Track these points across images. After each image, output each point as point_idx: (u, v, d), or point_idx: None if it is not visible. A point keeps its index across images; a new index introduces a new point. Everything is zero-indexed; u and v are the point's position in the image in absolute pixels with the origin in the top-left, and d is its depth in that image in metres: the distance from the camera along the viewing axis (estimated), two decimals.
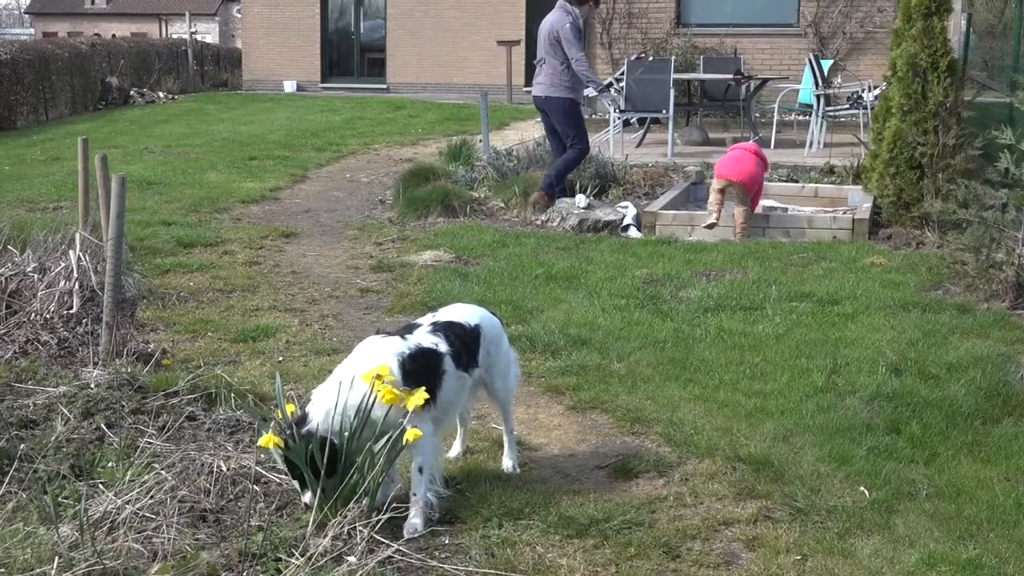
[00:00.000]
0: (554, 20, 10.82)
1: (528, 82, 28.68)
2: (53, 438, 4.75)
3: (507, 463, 4.88)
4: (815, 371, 6.04)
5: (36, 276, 6.84)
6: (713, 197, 9.90)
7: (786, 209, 10.68)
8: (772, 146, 14.89)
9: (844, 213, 10.28)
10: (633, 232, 10.04)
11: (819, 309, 7.33)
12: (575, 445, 5.23)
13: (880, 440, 5.09)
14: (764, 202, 10.76)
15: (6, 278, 6.76)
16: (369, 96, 26.48)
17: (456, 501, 4.46)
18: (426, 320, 4.64)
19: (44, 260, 7.05)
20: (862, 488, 4.61)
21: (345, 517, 4.01)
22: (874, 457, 4.90)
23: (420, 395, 4.16)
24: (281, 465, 4.39)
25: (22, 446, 4.57)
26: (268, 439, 4.15)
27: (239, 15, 34.91)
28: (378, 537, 4.01)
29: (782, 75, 17.94)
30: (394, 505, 4.16)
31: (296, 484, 4.27)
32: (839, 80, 16.66)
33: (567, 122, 10.92)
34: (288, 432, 4.18)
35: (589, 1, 11.07)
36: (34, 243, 7.30)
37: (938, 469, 4.82)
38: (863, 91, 14.60)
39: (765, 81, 16.54)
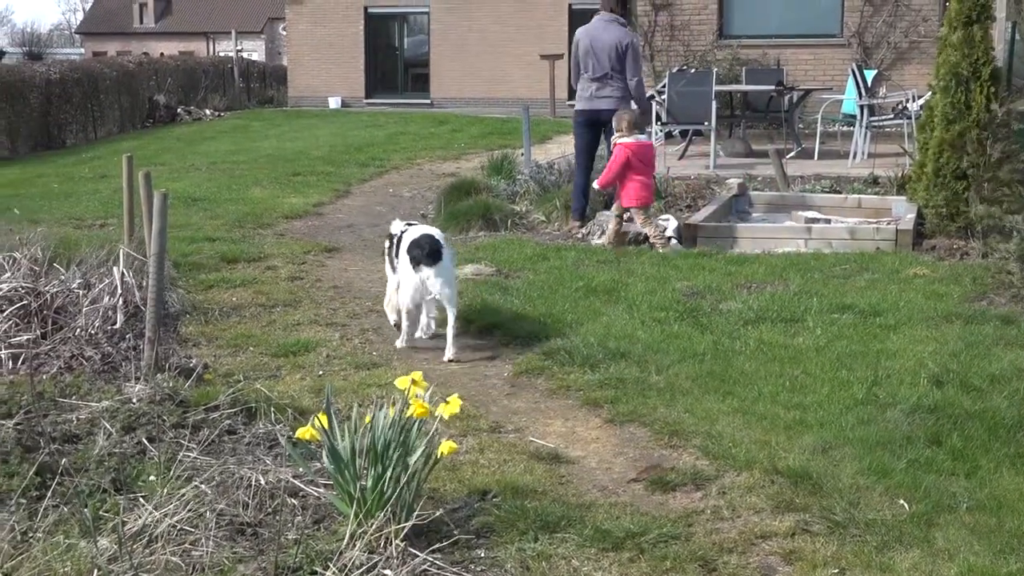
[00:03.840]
0: (619, 35, 10.72)
1: (571, 96, 28.78)
2: (95, 452, 4.82)
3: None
4: (855, 383, 6.00)
5: (81, 292, 6.95)
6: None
7: (829, 220, 10.61)
8: (816, 157, 14.84)
9: (888, 224, 10.20)
10: (674, 244, 10.01)
11: (861, 321, 7.27)
12: (612, 458, 5.22)
13: (920, 452, 5.04)
14: (806, 213, 10.71)
15: (52, 295, 6.86)
16: (413, 111, 26.62)
17: (491, 514, 4.46)
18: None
19: (89, 276, 7.15)
20: (901, 501, 4.57)
21: (378, 528, 4.03)
22: (914, 470, 4.85)
23: (455, 403, 4.20)
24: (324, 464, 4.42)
25: (64, 460, 4.63)
26: (306, 431, 4.21)
27: (285, 33, 35.23)
28: (412, 550, 4.03)
29: (825, 86, 17.86)
30: (419, 514, 4.18)
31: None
32: (883, 90, 16.55)
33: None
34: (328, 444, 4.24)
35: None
36: (80, 260, 7.40)
37: (979, 482, 4.77)
38: (908, 101, 14.50)
39: (808, 92, 16.46)
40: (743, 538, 4.32)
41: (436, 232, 7.11)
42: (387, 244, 7.44)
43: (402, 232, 7.18)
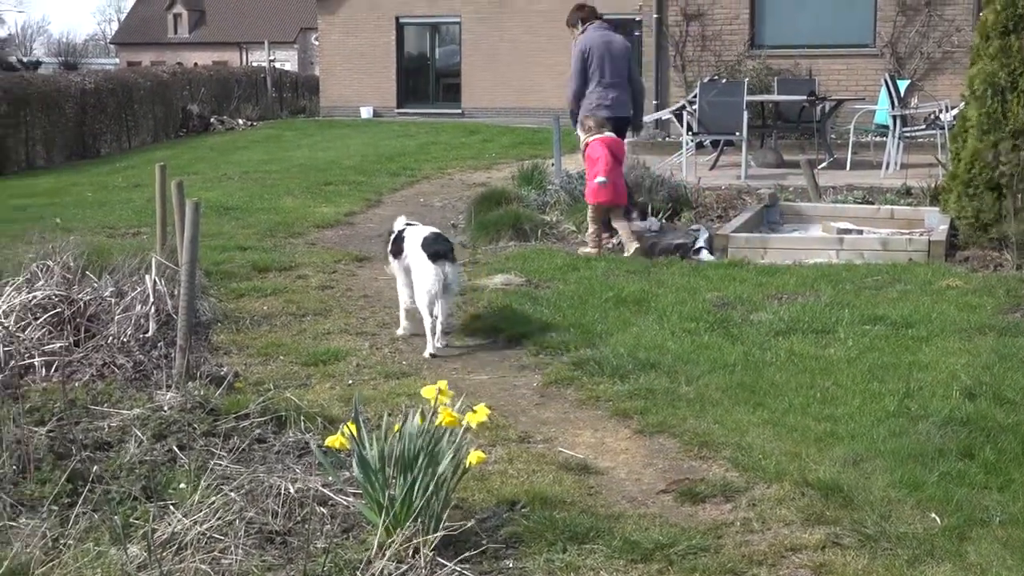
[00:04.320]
0: (624, 42, 10.77)
1: None
2: (126, 459, 4.85)
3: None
4: (887, 395, 5.96)
5: (114, 301, 6.99)
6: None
7: (861, 231, 10.55)
8: (848, 168, 14.78)
9: (920, 235, 10.14)
10: (705, 255, 9.98)
11: (892, 332, 7.22)
12: (641, 469, 5.21)
13: (953, 466, 4.99)
14: (838, 224, 10.65)
15: (85, 303, 6.91)
16: (444, 121, 26.71)
17: (520, 524, 4.46)
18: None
19: (122, 285, 7.20)
20: (933, 515, 4.53)
21: (406, 538, 4.03)
22: (946, 483, 4.81)
23: (482, 412, 4.20)
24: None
25: (95, 467, 4.66)
26: (335, 439, 4.22)
27: (317, 43, 35.42)
28: (440, 560, 4.03)
29: (858, 96, 17.79)
30: (449, 525, 4.18)
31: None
32: (916, 100, 16.46)
33: None
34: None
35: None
36: (112, 268, 7.46)
37: (1012, 496, 4.72)
38: (941, 111, 14.41)
39: (840, 102, 16.40)
40: (773, 551, 4.30)
41: (437, 229, 7.69)
42: (389, 238, 7.84)
43: (402, 230, 7.63)
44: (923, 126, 15.15)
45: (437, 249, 7.26)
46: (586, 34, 10.59)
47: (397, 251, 7.60)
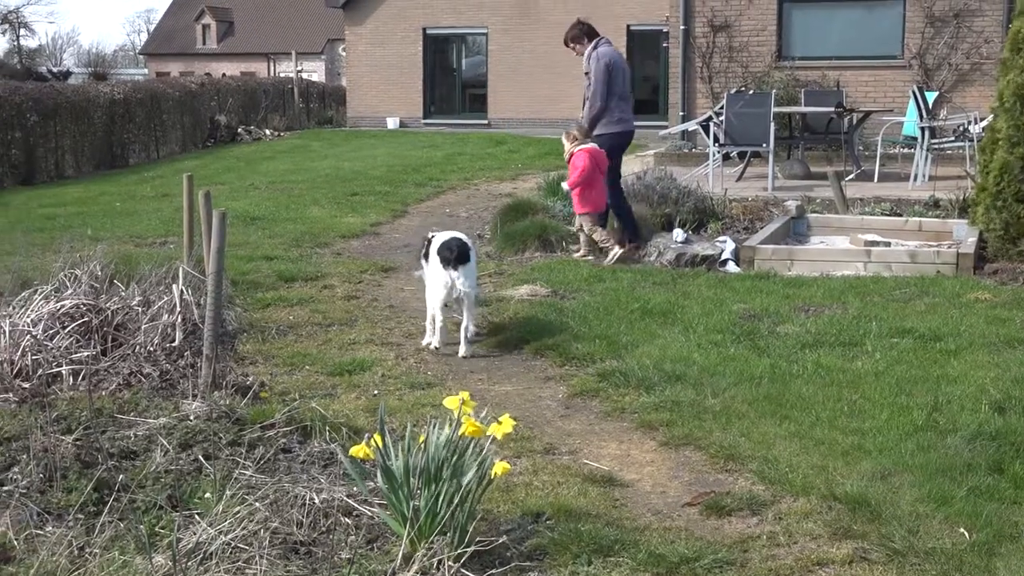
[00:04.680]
0: (622, 57, 10.91)
1: None
2: (152, 468, 4.86)
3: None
4: (915, 409, 5.91)
5: (140, 310, 7.01)
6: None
7: (889, 243, 10.50)
8: (876, 179, 14.71)
9: (949, 247, 10.07)
10: (731, 267, 9.95)
11: (920, 345, 7.18)
12: (667, 482, 5.19)
13: (982, 480, 4.95)
14: (865, 236, 10.60)
15: (112, 312, 6.94)
16: (470, 131, 26.75)
17: (544, 536, 4.44)
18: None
19: (149, 294, 7.23)
20: (962, 529, 4.48)
21: (431, 549, 4.02)
22: (975, 497, 4.77)
23: (507, 423, 4.19)
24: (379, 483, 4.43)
25: (121, 476, 4.67)
26: (359, 449, 4.22)
27: (344, 54, 35.56)
28: (465, 572, 4.02)
29: (886, 107, 17.73)
30: (474, 537, 4.17)
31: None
32: (944, 112, 16.38)
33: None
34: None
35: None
36: (140, 277, 7.49)
37: None
38: (969, 123, 14.34)
39: (868, 114, 16.34)
40: (799, 565, 4.27)
41: (463, 236, 7.68)
42: (422, 249, 7.96)
43: (432, 236, 7.74)
44: (951, 138, 15.07)
45: (448, 253, 7.37)
46: (603, 49, 10.63)
47: (425, 256, 7.75)
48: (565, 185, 10.59)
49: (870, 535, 4.47)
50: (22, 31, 74.12)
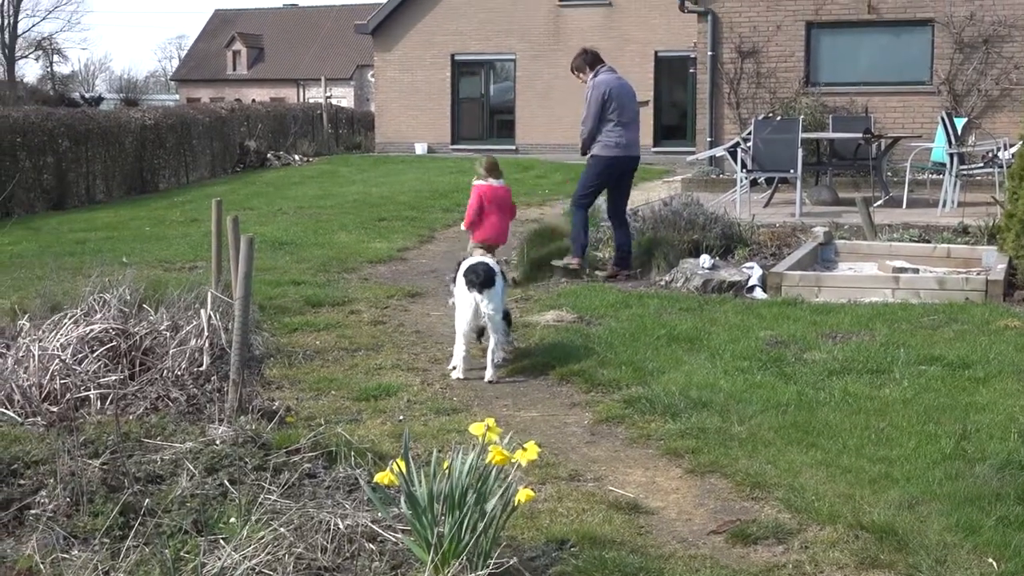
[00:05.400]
0: (631, 85, 11.13)
1: (657, 143, 28.84)
2: (177, 493, 4.87)
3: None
4: (943, 437, 5.87)
5: (169, 334, 7.06)
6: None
7: (917, 270, 10.45)
8: (904, 206, 14.66)
9: (978, 274, 10.01)
10: (758, 293, 9.92)
11: (949, 373, 7.13)
12: (692, 509, 5.16)
13: (1011, 509, 4.90)
14: (893, 262, 10.55)
15: (141, 336, 6.98)
16: (498, 157, 26.75)
17: (569, 563, 4.43)
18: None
19: (177, 319, 7.27)
20: (990, 559, 4.44)
21: (453, 574, 4.02)
22: (1004, 527, 4.72)
23: (532, 449, 4.19)
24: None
25: (147, 500, 4.69)
26: (384, 475, 4.22)
27: (373, 79, 35.77)
28: None
29: (914, 134, 17.67)
30: (498, 563, 4.16)
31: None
32: (973, 138, 16.31)
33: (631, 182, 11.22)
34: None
35: None
36: (168, 302, 7.53)
37: None
38: (998, 149, 14.27)
39: (896, 140, 16.29)
40: None
41: (491, 261, 7.76)
42: (453, 274, 7.99)
43: (461, 260, 7.84)
44: (980, 164, 15.00)
45: (473, 277, 7.43)
46: (602, 77, 10.89)
47: (454, 280, 7.81)
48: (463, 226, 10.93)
49: (897, 564, 4.44)
50: (55, 57, 74.95)
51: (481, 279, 7.41)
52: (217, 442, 5.47)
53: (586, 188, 11.11)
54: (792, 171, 14.44)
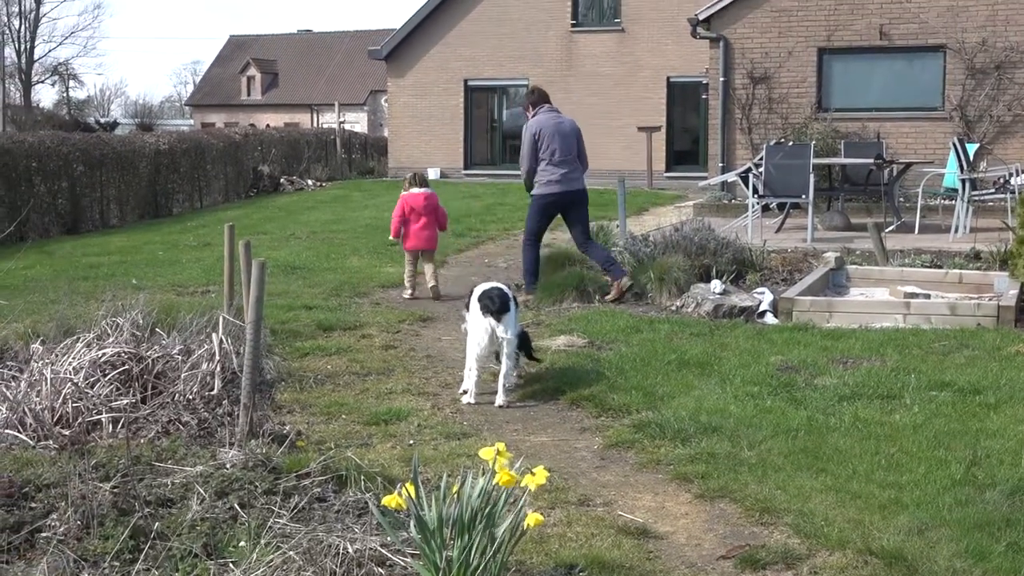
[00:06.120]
0: (573, 124, 11.37)
1: (669, 168, 28.88)
2: (188, 516, 4.89)
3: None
4: (954, 463, 5.86)
5: (180, 358, 7.10)
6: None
7: (928, 296, 10.44)
8: (916, 231, 14.65)
9: (989, 300, 10.00)
10: (769, 318, 9.93)
11: (960, 399, 7.12)
12: (702, 534, 5.16)
13: (1020, 536, 4.88)
14: (905, 288, 10.54)
15: (153, 360, 7.02)
16: (511, 182, 26.80)
17: None
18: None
19: (189, 342, 7.31)
20: None
21: None
22: (1013, 553, 4.71)
23: (541, 474, 4.20)
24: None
25: (157, 524, 4.71)
26: (392, 499, 4.23)
27: (386, 105, 35.90)
28: None
29: (926, 159, 17.68)
30: None
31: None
32: (985, 164, 16.31)
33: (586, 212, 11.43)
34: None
35: None
36: (180, 326, 7.57)
37: None
38: (1010, 175, 14.27)
39: (908, 165, 16.30)
40: None
41: (504, 286, 7.80)
42: (466, 300, 8.05)
43: (473, 288, 7.86)
44: (992, 190, 15.00)
45: (488, 302, 7.49)
46: (537, 117, 11.30)
47: (467, 306, 7.87)
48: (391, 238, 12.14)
49: None
50: (71, 82, 75.44)
51: (497, 306, 7.47)
52: (228, 466, 5.49)
53: (529, 226, 11.53)
54: (804, 196, 14.46)
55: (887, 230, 14.20)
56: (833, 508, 5.31)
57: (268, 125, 45.35)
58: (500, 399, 7.41)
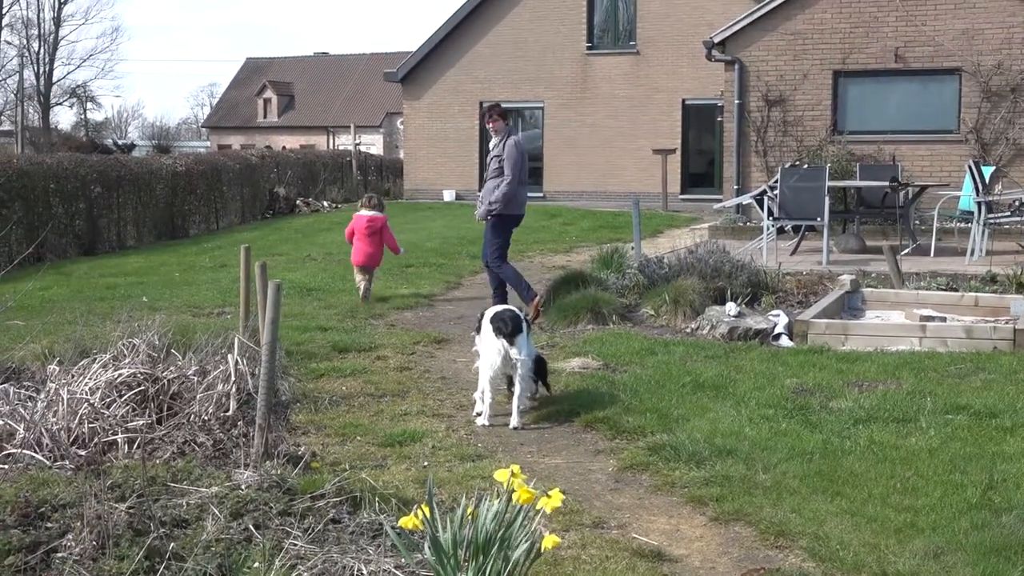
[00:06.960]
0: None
1: (684, 190, 28.89)
2: (203, 537, 4.90)
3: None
4: (969, 486, 5.84)
5: (196, 379, 7.12)
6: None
7: (944, 319, 10.41)
8: (932, 254, 14.62)
9: (1006, 323, 9.97)
10: (784, 341, 9.91)
11: (976, 422, 7.09)
12: (716, 557, 5.15)
13: None
14: (921, 311, 10.52)
15: (168, 381, 7.04)
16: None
17: None
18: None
19: (204, 363, 7.33)
20: None
21: None
22: None
23: (556, 497, 4.19)
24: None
25: (172, 544, 4.72)
26: (408, 520, 4.23)
27: (402, 127, 36.04)
28: None
29: (942, 182, 17.65)
30: None
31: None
32: (1001, 187, 16.27)
33: None
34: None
35: None
36: (196, 347, 7.60)
37: None
38: None
39: (924, 188, 16.28)
40: None
41: (516, 308, 7.85)
42: (477, 323, 8.08)
43: (484, 310, 7.92)
44: (1008, 213, 14.95)
45: (501, 324, 7.50)
46: (519, 136, 11.73)
47: (478, 329, 7.88)
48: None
49: None
50: (89, 104, 75.86)
51: (509, 328, 7.48)
52: (243, 487, 5.50)
53: (498, 244, 11.97)
54: (819, 219, 14.44)
55: (903, 253, 14.18)
56: (848, 531, 5.30)
57: (284, 147, 45.55)
58: (514, 421, 7.41)
